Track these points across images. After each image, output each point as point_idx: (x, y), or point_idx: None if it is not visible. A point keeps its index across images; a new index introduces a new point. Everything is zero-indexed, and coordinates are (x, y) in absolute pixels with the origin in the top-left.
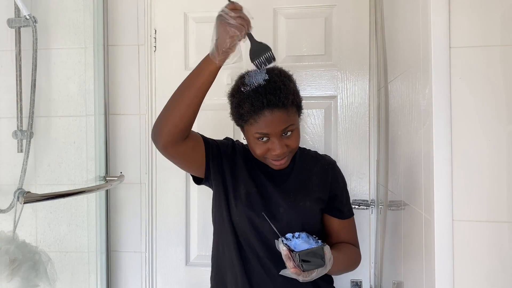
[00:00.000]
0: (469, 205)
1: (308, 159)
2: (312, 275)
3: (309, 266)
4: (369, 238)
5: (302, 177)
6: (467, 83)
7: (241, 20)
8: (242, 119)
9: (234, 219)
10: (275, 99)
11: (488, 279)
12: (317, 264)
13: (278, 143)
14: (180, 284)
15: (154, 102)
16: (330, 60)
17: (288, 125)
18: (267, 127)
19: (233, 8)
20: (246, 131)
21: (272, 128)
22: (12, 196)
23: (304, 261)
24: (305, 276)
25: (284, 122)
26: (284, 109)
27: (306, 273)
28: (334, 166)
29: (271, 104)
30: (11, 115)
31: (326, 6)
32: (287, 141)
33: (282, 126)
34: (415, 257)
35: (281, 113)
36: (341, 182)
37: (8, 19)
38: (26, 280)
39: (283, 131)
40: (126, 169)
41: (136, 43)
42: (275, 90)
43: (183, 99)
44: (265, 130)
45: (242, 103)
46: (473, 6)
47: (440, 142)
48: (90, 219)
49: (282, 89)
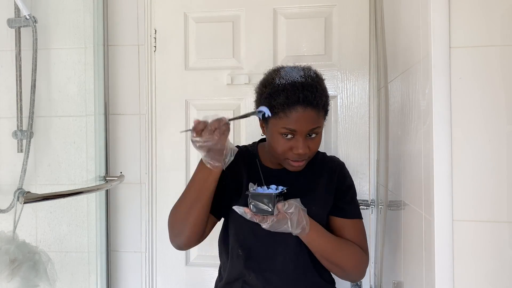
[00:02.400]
0: (469, 205)
1: (316, 161)
2: (268, 223)
3: (256, 207)
4: (369, 238)
5: (309, 181)
6: (467, 83)
7: (206, 136)
8: (272, 111)
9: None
10: (311, 96)
11: (488, 279)
12: (263, 208)
13: (302, 142)
14: (180, 284)
15: (154, 102)
16: (330, 60)
17: (316, 126)
18: (297, 123)
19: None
20: (271, 125)
21: (301, 125)
22: (12, 196)
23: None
24: (259, 221)
25: (314, 122)
26: (316, 109)
27: (259, 216)
28: (342, 167)
29: (306, 100)
30: (11, 115)
31: (326, 6)
32: (310, 143)
33: (311, 125)
34: (415, 257)
35: (313, 112)
36: (346, 182)
37: (8, 19)
38: (26, 280)
39: (310, 131)
40: (126, 169)
41: (136, 43)
42: (312, 88)
43: (194, 212)
44: (294, 126)
45: (275, 95)
46: (473, 6)
47: (440, 142)
48: (90, 219)
49: (318, 89)
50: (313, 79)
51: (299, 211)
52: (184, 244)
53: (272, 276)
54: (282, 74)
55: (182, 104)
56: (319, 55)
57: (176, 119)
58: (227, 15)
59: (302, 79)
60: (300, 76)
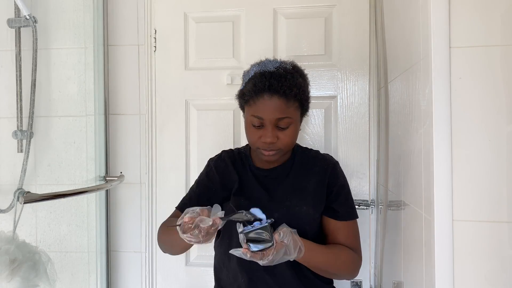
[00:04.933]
0: (469, 205)
1: (308, 159)
2: (269, 257)
3: (256, 245)
4: (369, 238)
5: (300, 180)
6: (467, 83)
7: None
8: (243, 99)
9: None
10: (277, 84)
11: (488, 279)
12: (264, 241)
13: (270, 131)
14: (180, 284)
15: (154, 102)
16: (330, 60)
17: (284, 116)
18: (263, 111)
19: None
20: (245, 114)
21: (267, 114)
22: (12, 196)
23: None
24: (260, 258)
25: (281, 111)
26: (284, 98)
27: (258, 254)
28: (334, 166)
29: (272, 89)
30: (11, 115)
31: (326, 6)
32: (280, 134)
33: (278, 115)
34: (415, 257)
35: (280, 102)
36: (339, 182)
37: (8, 19)
38: (26, 280)
39: (278, 120)
40: (126, 169)
41: (136, 43)
42: (280, 77)
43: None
44: (260, 114)
45: (246, 83)
46: (473, 6)
47: (440, 142)
48: (90, 219)
49: (288, 79)
50: (286, 70)
51: (291, 235)
52: (171, 254)
53: (268, 279)
54: (258, 65)
55: (182, 104)
56: (319, 55)
57: (176, 119)
58: (227, 15)
59: (273, 69)
60: (274, 67)
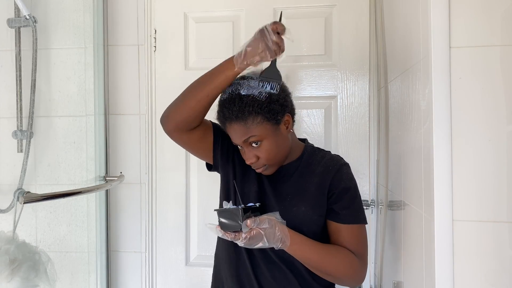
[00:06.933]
0: (469, 205)
1: (315, 160)
2: (241, 240)
3: (224, 224)
4: (369, 238)
5: (303, 180)
6: (467, 83)
7: (276, 47)
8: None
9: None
10: (228, 112)
11: (488, 279)
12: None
13: (247, 153)
14: (180, 284)
15: (154, 102)
16: (330, 60)
17: (247, 136)
18: (232, 137)
19: (275, 29)
20: None
21: (234, 139)
22: (12, 196)
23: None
24: (231, 239)
25: (243, 134)
26: (242, 121)
27: (230, 234)
28: (340, 168)
29: (227, 117)
30: (11, 115)
31: (326, 6)
32: (256, 152)
33: (241, 138)
34: (415, 257)
35: (238, 126)
36: (342, 184)
37: (8, 19)
38: (26, 280)
39: (245, 142)
40: (126, 169)
41: (136, 43)
42: (229, 104)
43: (195, 94)
44: (232, 140)
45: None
46: (473, 6)
47: (440, 142)
48: (90, 219)
49: (236, 102)
50: (233, 91)
51: (275, 225)
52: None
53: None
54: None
55: None
56: (319, 55)
57: None
58: (227, 15)
59: (227, 95)
60: (228, 92)
